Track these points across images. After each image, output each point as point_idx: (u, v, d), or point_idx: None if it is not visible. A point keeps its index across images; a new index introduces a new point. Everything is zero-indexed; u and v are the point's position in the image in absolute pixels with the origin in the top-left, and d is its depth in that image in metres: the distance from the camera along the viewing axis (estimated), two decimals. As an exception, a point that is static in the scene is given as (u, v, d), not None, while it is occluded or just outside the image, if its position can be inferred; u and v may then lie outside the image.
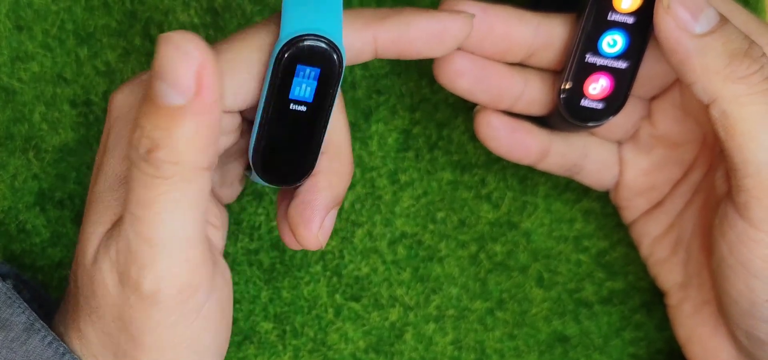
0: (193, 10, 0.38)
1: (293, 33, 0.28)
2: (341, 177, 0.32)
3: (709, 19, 0.29)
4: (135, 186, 0.27)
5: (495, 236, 0.40)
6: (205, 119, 0.26)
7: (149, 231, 0.27)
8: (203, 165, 0.27)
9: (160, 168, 0.26)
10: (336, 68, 0.29)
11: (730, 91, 0.29)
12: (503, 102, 0.34)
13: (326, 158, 0.31)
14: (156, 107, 0.25)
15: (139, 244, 0.27)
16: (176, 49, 0.25)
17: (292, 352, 0.39)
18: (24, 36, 0.38)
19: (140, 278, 0.27)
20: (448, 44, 0.31)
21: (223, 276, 0.30)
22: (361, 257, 0.40)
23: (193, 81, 0.25)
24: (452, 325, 0.40)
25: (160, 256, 0.27)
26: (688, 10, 0.29)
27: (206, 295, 0.28)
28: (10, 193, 0.38)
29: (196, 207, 0.27)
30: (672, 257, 0.36)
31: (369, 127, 0.39)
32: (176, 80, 0.25)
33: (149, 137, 0.26)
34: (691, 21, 0.29)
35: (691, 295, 0.35)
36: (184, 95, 0.25)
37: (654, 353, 0.40)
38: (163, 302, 0.27)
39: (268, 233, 0.39)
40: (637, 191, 0.36)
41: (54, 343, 0.29)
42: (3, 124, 0.38)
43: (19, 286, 0.34)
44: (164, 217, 0.26)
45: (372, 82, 0.39)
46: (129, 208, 0.27)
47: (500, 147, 0.35)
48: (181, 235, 0.27)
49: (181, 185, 0.26)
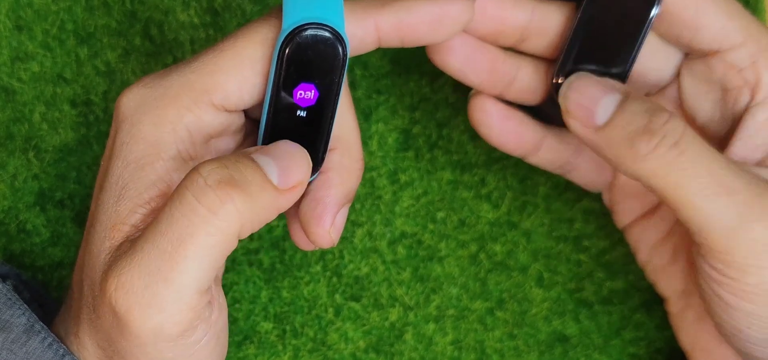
0: (193, 10, 0.38)
1: (295, 23, 0.28)
2: (352, 173, 0.32)
3: (607, 107, 0.30)
4: (177, 217, 0.26)
5: (495, 236, 0.40)
6: (275, 208, 0.28)
7: (172, 272, 0.26)
8: (244, 235, 0.27)
9: (223, 204, 0.26)
10: (340, 56, 0.29)
11: (645, 169, 0.29)
12: (495, 86, 0.34)
13: (337, 154, 0.31)
14: (251, 162, 0.27)
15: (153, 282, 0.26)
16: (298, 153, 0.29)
17: (292, 352, 0.39)
18: (24, 36, 0.38)
19: (145, 318, 0.26)
20: (450, 28, 0.31)
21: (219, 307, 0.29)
22: (361, 257, 0.40)
23: (294, 182, 0.28)
24: (452, 325, 0.40)
25: (170, 301, 0.26)
26: (587, 104, 0.30)
27: (203, 332, 0.28)
28: (10, 193, 0.38)
29: (220, 260, 0.27)
30: (672, 265, 0.35)
31: (369, 127, 0.39)
32: (286, 170, 0.28)
33: (230, 173, 0.26)
34: (590, 116, 0.30)
35: (693, 303, 0.35)
36: (283, 183, 0.28)
37: (654, 353, 0.40)
38: (162, 343, 0.27)
39: (268, 233, 0.39)
40: (630, 194, 0.36)
41: (54, 344, 0.29)
42: (3, 124, 0.38)
43: (19, 287, 0.34)
44: (193, 261, 0.26)
45: (372, 82, 0.39)
46: (157, 240, 0.26)
47: (492, 133, 0.35)
48: (198, 283, 0.27)
49: (223, 232, 0.26)
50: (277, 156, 0.28)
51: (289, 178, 0.28)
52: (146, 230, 0.27)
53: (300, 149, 0.29)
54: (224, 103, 0.29)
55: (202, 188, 0.26)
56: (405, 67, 0.39)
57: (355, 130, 0.32)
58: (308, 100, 0.29)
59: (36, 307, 0.32)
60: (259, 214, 0.27)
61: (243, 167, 0.27)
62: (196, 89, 0.29)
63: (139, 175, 0.29)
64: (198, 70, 0.29)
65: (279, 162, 0.28)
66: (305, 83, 0.29)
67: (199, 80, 0.29)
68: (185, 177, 0.27)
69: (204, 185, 0.26)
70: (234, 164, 0.27)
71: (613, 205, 0.37)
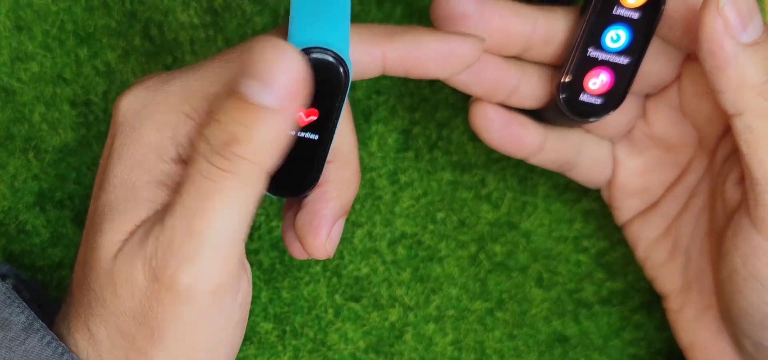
0: (193, 10, 0.38)
1: (300, 46, 0.28)
2: (349, 186, 0.32)
3: (756, 29, 0.29)
4: (196, 177, 0.26)
5: (495, 236, 0.40)
6: (286, 126, 0.26)
7: (202, 224, 0.26)
8: (269, 168, 0.27)
9: (234, 163, 0.26)
10: (342, 82, 0.29)
11: (762, 108, 0.29)
12: (498, 95, 0.34)
13: (334, 168, 0.31)
14: (242, 104, 0.26)
15: (186, 237, 0.27)
16: (279, 53, 0.25)
17: (292, 352, 0.39)
18: (24, 36, 0.38)
19: (179, 273, 0.27)
20: (456, 67, 0.31)
21: (247, 278, 0.30)
22: (361, 257, 0.40)
23: (290, 87, 0.26)
24: (452, 325, 0.40)
25: (204, 252, 0.27)
26: (739, 16, 0.29)
27: (233, 297, 0.28)
28: (10, 193, 0.38)
29: (249, 208, 0.27)
30: (670, 262, 0.36)
31: (369, 127, 0.39)
32: (274, 82, 0.25)
33: (228, 131, 0.26)
34: (739, 28, 0.29)
35: (692, 300, 0.35)
36: (278, 98, 0.26)
37: (654, 353, 0.40)
38: (195, 300, 0.27)
39: (268, 233, 0.39)
40: (630, 191, 0.36)
41: (53, 342, 0.29)
42: (3, 124, 0.38)
43: (19, 286, 0.34)
44: (220, 213, 0.26)
45: (372, 82, 0.39)
46: (183, 201, 0.27)
47: (493, 139, 0.35)
48: (229, 234, 0.27)
49: (245, 184, 0.26)
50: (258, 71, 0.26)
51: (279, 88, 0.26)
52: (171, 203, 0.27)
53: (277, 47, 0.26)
54: None
55: (212, 154, 0.26)
56: (405, 67, 0.39)
57: (354, 143, 0.32)
58: (308, 120, 0.29)
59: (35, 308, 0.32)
60: (274, 143, 0.26)
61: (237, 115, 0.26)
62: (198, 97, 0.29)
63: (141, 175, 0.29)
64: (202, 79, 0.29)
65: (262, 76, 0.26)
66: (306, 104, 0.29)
67: (202, 89, 0.29)
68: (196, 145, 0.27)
69: (211, 152, 0.26)
70: (228, 115, 0.26)
71: (613, 202, 0.37)
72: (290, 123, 0.26)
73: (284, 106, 0.26)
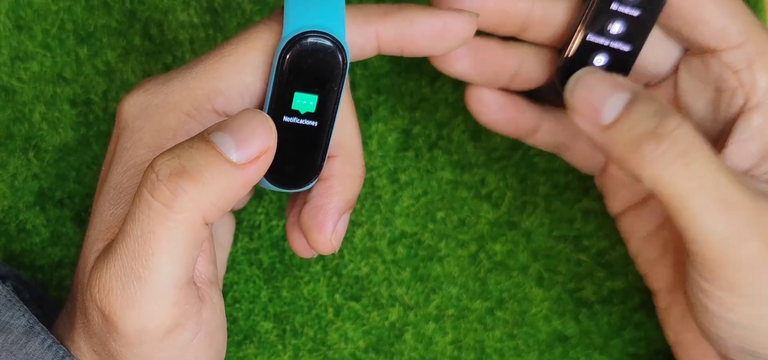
0: (193, 10, 0.38)
1: (296, 31, 0.28)
2: (354, 180, 0.32)
3: (615, 106, 0.29)
4: (138, 215, 0.26)
5: (495, 236, 0.40)
6: (238, 186, 0.26)
7: (143, 270, 0.26)
8: (208, 219, 0.26)
9: (176, 198, 0.25)
10: (340, 65, 0.29)
11: (649, 174, 0.28)
12: (499, 81, 0.34)
13: (339, 162, 0.31)
14: (206, 145, 0.26)
15: (128, 281, 0.26)
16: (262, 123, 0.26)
17: (292, 351, 0.39)
18: (24, 36, 0.38)
19: (124, 319, 0.26)
20: (451, 43, 0.30)
21: (212, 306, 0.29)
22: (361, 257, 0.40)
23: (256, 153, 0.26)
24: (452, 324, 0.40)
25: (147, 297, 0.26)
26: (593, 102, 0.29)
27: (193, 332, 0.28)
28: (10, 193, 0.38)
29: (190, 252, 0.27)
30: (661, 260, 0.35)
31: (369, 126, 0.39)
32: (244, 142, 0.26)
33: (180, 162, 0.25)
34: (597, 113, 0.29)
35: (679, 299, 0.35)
36: (242, 157, 0.26)
37: (654, 353, 0.40)
38: (148, 342, 0.27)
39: (268, 233, 0.39)
40: (622, 181, 0.36)
41: (53, 346, 0.29)
42: (3, 124, 0.38)
43: (19, 287, 0.34)
44: (161, 258, 0.26)
45: (372, 82, 0.39)
46: (125, 241, 0.26)
47: (489, 121, 0.35)
48: (173, 278, 0.26)
49: (184, 227, 0.26)
50: (234, 129, 0.26)
51: (248, 150, 0.26)
52: (118, 233, 0.27)
53: (259, 115, 0.26)
54: (225, 109, 0.29)
55: (155, 183, 0.25)
56: (405, 67, 0.39)
57: (357, 137, 0.32)
58: (308, 107, 0.29)
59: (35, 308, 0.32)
60: (221, 196, 0.26)
61: (195, 152, 0.26)
62: (197, 95, 0.29)
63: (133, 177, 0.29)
64: (199, 76, 0.29)
65: (236, 135, 0.26)
66: (305, 90, 0.29)
67: (200, 86, 0.29)
68: (143, 174, 0.26)
69: (156, 180, 0.25)
70: (186, 151, 0.26)
71: (605, 190, 0.37)
72: (240, 186, 0.26)
73: (246, 166, 0.26)
